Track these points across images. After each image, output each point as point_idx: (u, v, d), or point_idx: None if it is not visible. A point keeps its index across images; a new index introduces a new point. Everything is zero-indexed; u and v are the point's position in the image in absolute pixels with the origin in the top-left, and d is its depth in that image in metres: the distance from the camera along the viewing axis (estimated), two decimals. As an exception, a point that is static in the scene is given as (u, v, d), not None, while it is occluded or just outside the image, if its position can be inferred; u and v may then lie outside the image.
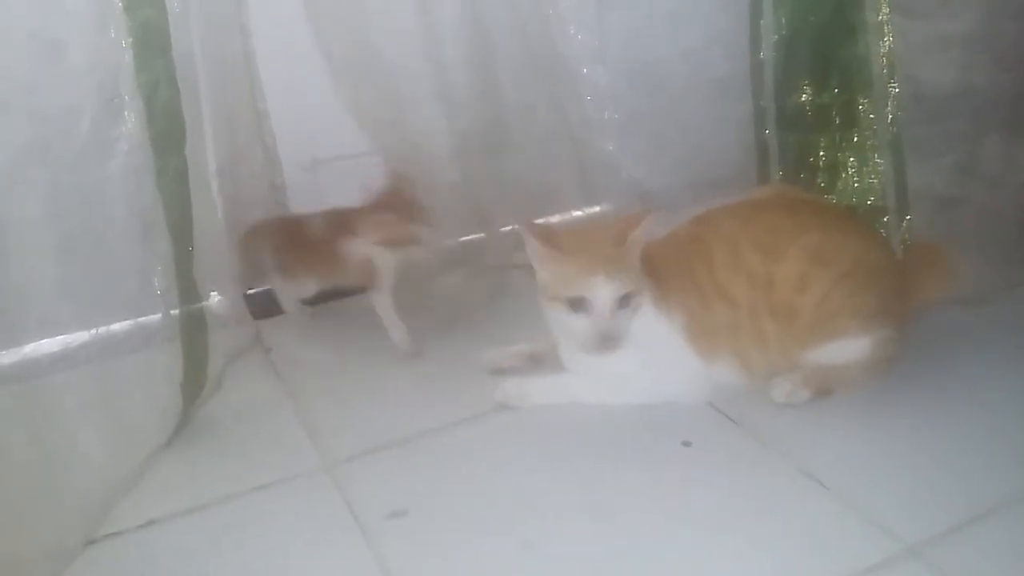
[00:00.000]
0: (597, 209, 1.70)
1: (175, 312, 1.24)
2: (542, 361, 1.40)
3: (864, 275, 1.24)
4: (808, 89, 1.66)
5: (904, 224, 1.53)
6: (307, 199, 1.62)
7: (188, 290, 1.25)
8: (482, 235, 1.70)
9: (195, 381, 1.28)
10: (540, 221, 1.47)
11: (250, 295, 1.62)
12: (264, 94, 1.55)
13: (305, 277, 1.56)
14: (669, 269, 1.28)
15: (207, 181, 1.35)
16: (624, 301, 1.20)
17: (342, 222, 1.49)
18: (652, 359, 1.28)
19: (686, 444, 1.23)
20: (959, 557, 1.01)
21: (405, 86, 1.56)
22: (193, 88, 1.26)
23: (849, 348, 1.26)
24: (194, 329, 1.27)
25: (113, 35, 1.12)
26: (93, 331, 1.22)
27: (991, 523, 1.06)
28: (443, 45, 1.54)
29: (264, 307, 1.62)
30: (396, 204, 1.46)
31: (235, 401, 1.36)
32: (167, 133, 1.18)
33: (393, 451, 1.25)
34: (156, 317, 1.23)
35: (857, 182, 1.61)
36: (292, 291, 1.61)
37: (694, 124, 1.74)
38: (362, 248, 1.46)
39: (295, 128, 1.61)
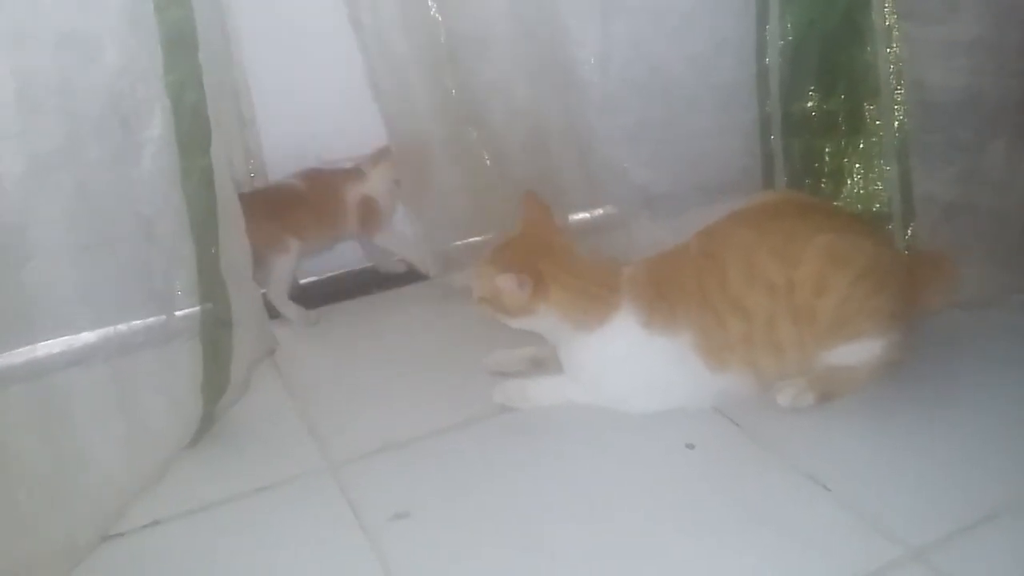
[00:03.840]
0: (601, 212, 1.71)
1: (196, 313, 1.23)
2: (545, 365, 1.40)
3: (879, 277, 1.24)
4: (814, 95, 1.66)
5: (909, 230, 1.53)
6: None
7: (211, 291, 1.24)
8: (488, 237, 1.69)
9: (217, 383, 1.27)
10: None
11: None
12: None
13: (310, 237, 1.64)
14: (676, 287, 1.26)
15: (230, 180, 1.33)
16: None
17: (328, 179, 1.66)
18: (633, 379, 1.29)
19: (690, 447, 1.23)
20: (962, 561, 1.01)
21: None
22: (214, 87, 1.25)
23: (863, 350, 1.26)
24: (217, 330, 1.25)
25: (145, 36, 1.10)
26: (113, 331, 1.20)
27: (994, 527, 1.05)
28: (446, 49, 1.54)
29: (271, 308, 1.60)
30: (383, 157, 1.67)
31: (239, 402, 1.36)
32: (194, 135, 1.17)
33: (396, 453, 1.26)
34: (177, 318, 1.22)
35: (862, 188, 1.61)
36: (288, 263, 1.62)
37: (700, 130, 1.74)
38: (363, 190, 1.66)
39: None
